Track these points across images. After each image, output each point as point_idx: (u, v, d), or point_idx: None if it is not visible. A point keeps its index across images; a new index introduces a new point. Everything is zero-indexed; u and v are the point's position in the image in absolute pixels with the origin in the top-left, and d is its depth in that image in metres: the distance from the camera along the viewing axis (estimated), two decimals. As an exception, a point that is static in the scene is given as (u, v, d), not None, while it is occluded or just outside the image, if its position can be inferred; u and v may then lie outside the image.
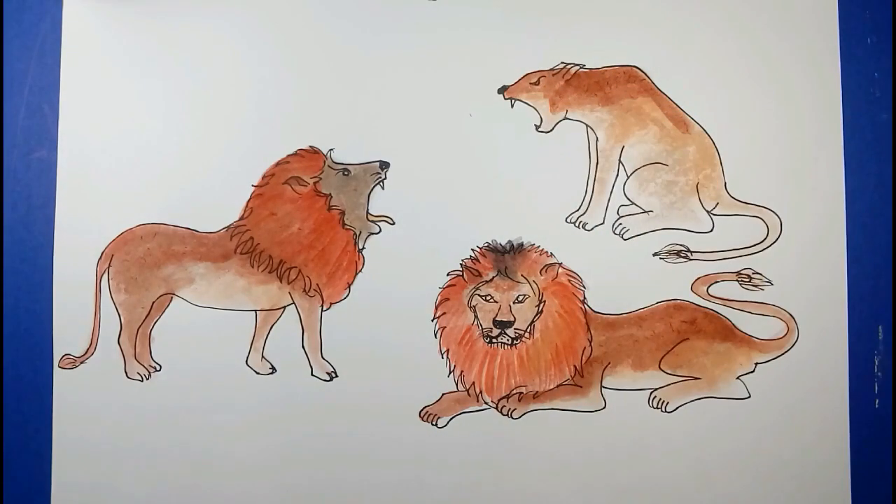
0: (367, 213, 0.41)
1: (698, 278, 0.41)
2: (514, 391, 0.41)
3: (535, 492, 0.41)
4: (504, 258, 0.41)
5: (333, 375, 0.41)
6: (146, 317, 0.41)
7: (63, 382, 0.40)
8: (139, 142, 0.41)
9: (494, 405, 0.41)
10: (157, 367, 0.41)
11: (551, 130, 0.41)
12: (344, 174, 0.41)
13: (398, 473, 0.41)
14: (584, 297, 0.41)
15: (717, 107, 0.41)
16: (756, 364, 0.41)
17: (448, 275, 0.41)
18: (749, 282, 0.41)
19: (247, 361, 0.41)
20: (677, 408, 0.41)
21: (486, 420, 0.41)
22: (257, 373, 0.41)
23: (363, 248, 0.41)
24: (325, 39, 0.41)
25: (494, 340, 0.41)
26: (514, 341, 0.41)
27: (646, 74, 0.42)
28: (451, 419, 0.41)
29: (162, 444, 0.40)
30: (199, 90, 0.41)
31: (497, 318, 0.41)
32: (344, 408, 0.41)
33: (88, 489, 0.40)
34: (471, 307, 0.41)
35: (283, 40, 0.41)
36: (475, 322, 0.41)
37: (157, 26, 0.41)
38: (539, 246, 0.41)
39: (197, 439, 0.40)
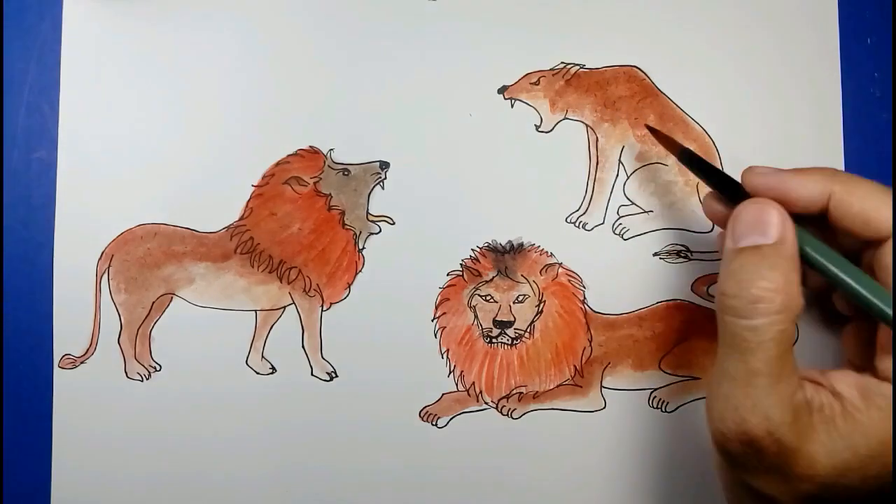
0: (367, 213, 0.41)
1: (698, 278, 0.41)
2: (514, 391, 0.41)
3: (535, 492, 0.41)
4: (504, 258, 0.41)
5: (333, 375, 0.41)
6: (146, 317, 0.41)
7: (63, 382, 0.40)
8: (139, 142, 0.41)
9: (494, 405, 0.41)
10: (157, 367, 0.41)
11: (551, 130, 0.41)
12: (344, 174, 0.41)
13: (398, 473, 0.41)
14: (584, 297, 0.41)
15: (717, 107, 0.41)
16: (756, 364, 0.41)
17: (448, 275, 0.41)
18: None
19: (247, 361, 0.41)
20: (677, 408, 0.41)
21: (486, 420, 0.41)
22: (257, 373, 0.41)
23: (363, 248, 0.41)
24: (325, 39, 0.41)
25: (494, 340, 0.41)
26: (514, 341, 0.41)
27: (646, 74, 0.42)
28: (451, 419, 0.41)
29: (162, 444, 0.40)
30: (199, 90, 0.41)
31: (497, 318, 0.41)
32: (344, 408, 0.41)
33: (88, 489, 0.40)
34: (471, 307, 0.41)
35: (283, 40, 0.41)
36: (475, 322, 0.41)
37: (157, 26, 0.41)
38: (539, 246, 0.41)
39: (197, 439, 0.40)
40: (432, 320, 0.41)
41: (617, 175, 0.41)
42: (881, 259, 0.29)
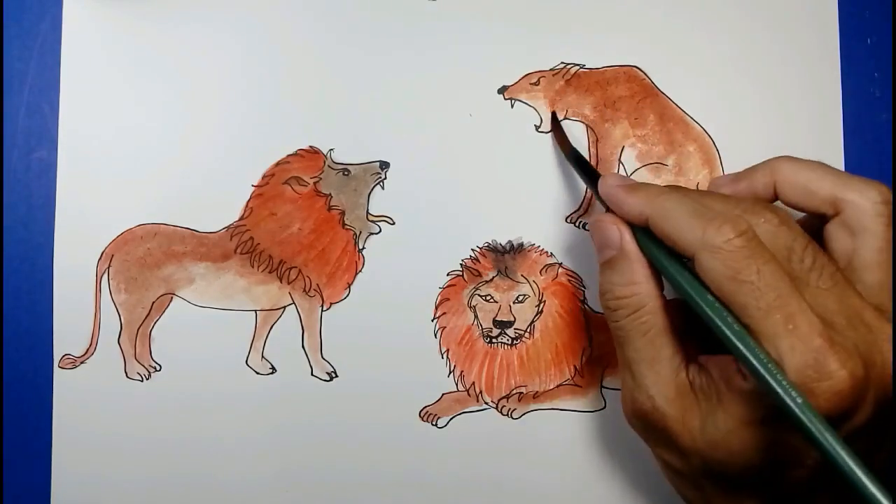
0: (367, 213, 0.41)
1: (698, 278, 0.41)
2: (514, 391, 0.41)
3: (535, 492, 0.41)
4: (504, 258, 0.41)
5: (333, 375, 0.41)
6: (146, 317, 0.41)
7: (63, 382, 0.40)
8: (139, 142, 0.41)
9: (494, 405, 0.41)
10: (157, 367, 0.41)
11: (551, 130, 0.41)
12: (344, 174, 0.41)
13: (398, 473, 0.41)
14: (585, 297, 0.41)
15: (717, 107, 0.41)
16: (756, 364, 0.41)
17: (448, 275, 0.41)
18: None
19: (247, 361, 0.41)
20: (677, 408, 0.41)
21: (486, 420, 0.41)
22: (257, 373, 0.41)
23: (363, 248, 0.41)
24: (325, 39, 0.41)
25: (494, 340, 0.41)
26: (514, 341, 0.41)
27: (646, 74, 0.42)
28: (451, 419, 0.41)
29: (162, 444, 0.40)
30: (199, 90, 0.41)
31: (497, 318, 0.41)
32: (344, 408, 0.41)
33: (88, 489, 0.40)
34: (471, 307, 0.41)
35: (283, 40, 0.41)
36: (475, 322, 0.41)
37: (157, 26, 0.41)
38: (539, 246, 0.41)
39: (197, 439, 0.40)
40: (432, 320, 0.41)
41: (617, 175, 0.41)
42: (829, 235, 0.33)
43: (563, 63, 0.42)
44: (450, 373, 0.41)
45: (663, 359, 0.32)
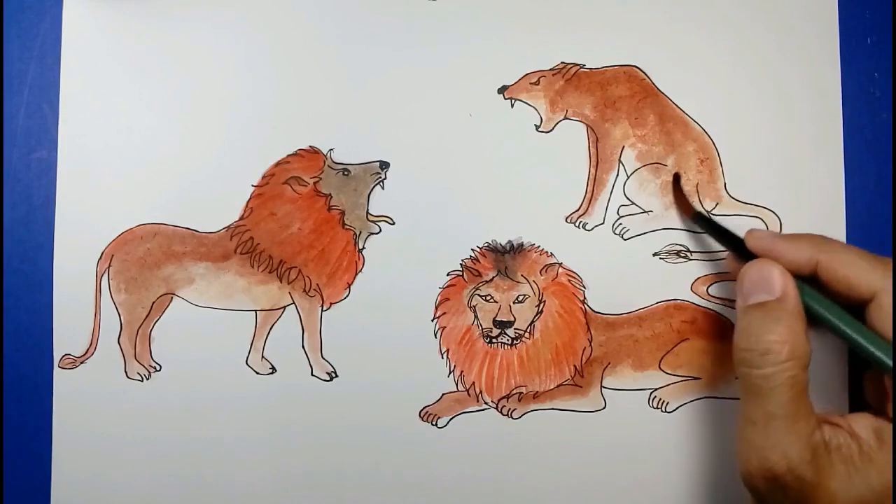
0: (367, 213, 0.41)
1: (698, 278, 0.41)
2: (514, 391, 0.41)
3: (535, 492, 0.41)
4: (504, 258, 0.41)
5: (333, 375, 0.41)
6: (146, 317, 0.41)
7: (63, 382, 0.40)
8: (139, 142, 0.41)
9: (494, 405, 0.41)
10: (157, 367, 0.41)
11: (551, 130, 0.41)
12: (344, 174, 0.41)
13: (398, 473, 0.41)
14: (584, 297, 0.41)
15: (717, 107, 0.41)
16: (756, 364, 0.41)
17: (448, 275, 0.41)
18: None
19: (247, 361, 0.41)
20: (677, 408, 0.41)
21: (486, 420, 0.41)
22: (257, 373, 0.41)
23: (363, 248, 0.41)
24: (325, 39, 0.41)
25: (494, 340, 0.41)
26: (514, 341, 0.41)
27: (646, 74, 0.42)
28: (451, 419, 0.41)
29: (162, 444, 0.40)
30: (199, 90, 0.41)
31: (497, 318, 0.41)
32: (344, 408, 0.41)
33: (88, 489, 0.40)
34: (471, 307, 0.41)
35: (283, 40, 0.41)
36: (475, 322, 0.41)
37: (157, 26, 0.41)
38: (539, 246, 0.41)
39: (197, 439, 0.40)
40: (432, 320, 0.41)
41: (617, 175, 0.41)
42: (871, 316, 0.32)
43: (563, 63, 0.42)
44: (450, 373, 0.41)
45: (802, 418, 0.31)
